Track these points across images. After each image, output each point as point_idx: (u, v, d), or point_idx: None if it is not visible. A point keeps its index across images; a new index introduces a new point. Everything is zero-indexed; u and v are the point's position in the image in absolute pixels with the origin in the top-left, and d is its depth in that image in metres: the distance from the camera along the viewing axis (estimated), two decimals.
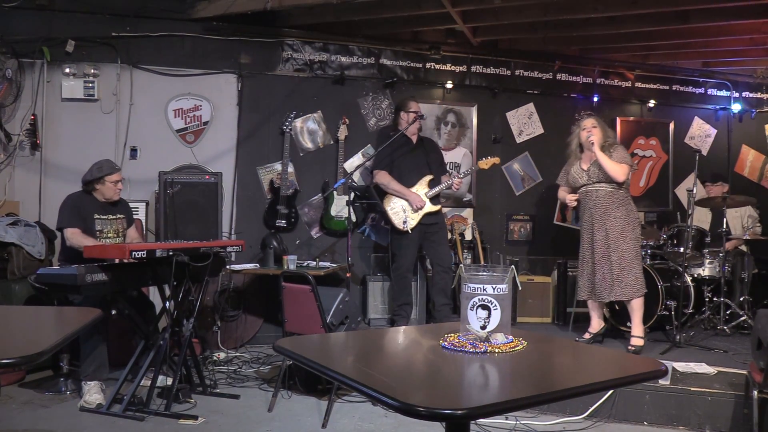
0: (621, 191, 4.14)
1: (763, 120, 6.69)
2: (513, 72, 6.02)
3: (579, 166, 4.28)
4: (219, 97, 5.35)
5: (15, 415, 3.47)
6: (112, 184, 4.01)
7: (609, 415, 3.51)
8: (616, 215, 4.09)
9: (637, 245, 4.15)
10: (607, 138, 4.21)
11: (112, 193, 4.03)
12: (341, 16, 5.20)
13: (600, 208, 4.13)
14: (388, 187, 4.81)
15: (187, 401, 3.64)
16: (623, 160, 4.12)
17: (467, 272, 1.59)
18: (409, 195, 4.76)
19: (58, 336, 1.51)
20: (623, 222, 4.09)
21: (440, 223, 4.89)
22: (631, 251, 4.08)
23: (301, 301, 3.59)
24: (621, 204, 4.12)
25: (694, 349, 4.24)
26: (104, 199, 4.03)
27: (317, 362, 1.39)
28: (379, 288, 5.32)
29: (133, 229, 4.28)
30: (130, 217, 4.27)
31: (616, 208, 4.10)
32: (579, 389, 1.28)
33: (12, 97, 4.87)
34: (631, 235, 4.10)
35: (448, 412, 1.08)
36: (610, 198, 4.12)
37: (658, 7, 4.85)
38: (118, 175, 4.06)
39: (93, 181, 3.98)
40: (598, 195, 4.14)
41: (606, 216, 4.11)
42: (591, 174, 4.18)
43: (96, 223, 3.98)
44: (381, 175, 4.84)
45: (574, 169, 4.30)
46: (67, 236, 3.86)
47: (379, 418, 3.51)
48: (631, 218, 4.13)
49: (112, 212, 4.09)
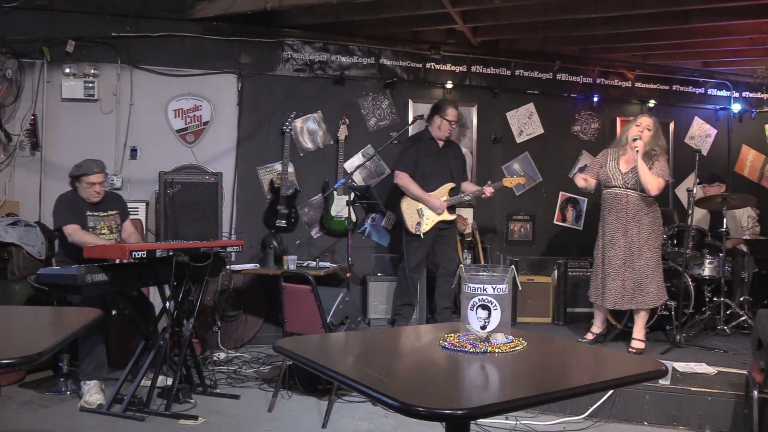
0: (651, 198, 4.03)
1: (763, 120, 6.69)
2: (513, 72, 6.02)
3: (617, 165, 4.12)
4: (219, 97, 5.35)
5: (15, 415, 3.47)
6: (87, 185, 3.92)
7: (609, 415, 3.51)
8: (644, 222, 4.01)
9: (659, 253, 4.09)
10: (655, 146, 4.05)
11: (88, 194, 3.94)
12: (341, 16, 5.20)
13: (629, 213, 4.02)
14: (407, 190, 4.76)
15: (187, 401, 3.64)
16: (662, 175, 3.98)
17: (467, 272, 1.59)
18: (429, 201, 4.71)
19: (58, 336, 1.51)
20: (649, 229, 4.02)
21: (452, 228, 4.87)
22: (655, 259, 4.02)
23: (301, 301, 3.59)
24: (649, 211, 4.03)
25: (694, 349, 4.24)
26: (84, 199, 3.97)
27: (317, 362, 1.39)
28: (380, 288, 5.31)
29: (129, 224, 4.24)
30: (124, 211, 4.22)
31: (645, 215, 4.01)
32: (579, 389, 1.28)
33: (12, 97, 4.87)
34: (655, 243, 4.04)
35: (447, 412, 1.08)
36: (639, 204, 4.01)
37: (658, 7, 4.85)
38: (97, 177, 3.93)
39: (73, 178, 3.95)
40: (629, 200, 4.02)
41: (633, 222, 4.01)
42: (627, 179, 4.03)
43: (89, 220, 3.96)
44: (401, 176, 4.78)
45: (611, 166, 4.13)
46: (68, 233, 3.83)
47: (379, 418, 3.51)
48: (656, 226, 4.06)
49: (104, 209, 4.06)
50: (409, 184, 4.76)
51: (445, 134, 4.84)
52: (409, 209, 4.76)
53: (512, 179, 4.98)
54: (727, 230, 4.75)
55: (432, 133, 4.84)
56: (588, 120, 6.24)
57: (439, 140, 4.87)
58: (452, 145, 5.05)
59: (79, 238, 3.79)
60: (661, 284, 4.06)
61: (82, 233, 3.83)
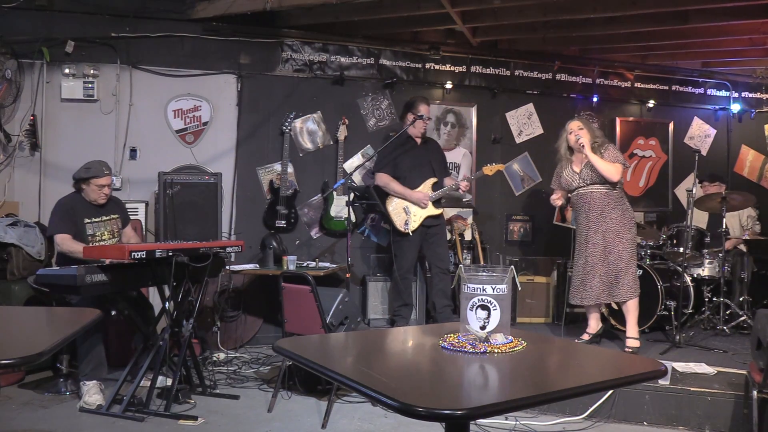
0: (615, 191, 4.10)
1: (762, 120, 6.69)
2: (512, 72, 6.02)
3: (571, 168, 4.23)
4: (218, 97, 5.35)
5: (14, 415, 3.47)
6: (96, 187, 3.92)
7: (609, 416, 3.51)
8: (612, 216, 4.06)
9: (633, 245, 4.12)
10: (595, 138, 4.15)
11: (96, 196, 3.95)
12: (341, 16, 5.20)
13: (595, 210, 4.08)
14: (389, 188, 4.77)
15: (187, 402, 3.64)
16: (616, 159, 4.07)
17: (467, 272, 1.59)
18: (411, 195, 4.71)
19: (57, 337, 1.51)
20: (619, 223, 4.06)
21: (440, 225, 4.86)
22: (628, 252, 4.06)
23: (301, 302, 3.59)
24: (616, 205, 4.08)
25: (693, 350, 4.24)
26: (90, 201, 3.98)
27: (317, 363, 1.39)
28: (379, 288, 5.32)
29: (129, 229, 4.24)
30: (125, 216, 4.22)
31: (612, 210, 4.07)
32: (579, 389, 1.28)
33: (11, 97, 4.87)
34: (627, 235, 4.07)
35: (447, 413, 1.08)
36: (605, 199, 4.07)
37: (658, 7, 4.85)
38: (106, 180, 3.94)
39: (80, 180, 3.94)
40: (593, 197, 4.10)
41: (602, 218, 4.07)
42: (583, 176, 4.12)
43: (87, 227, 3.93)
44: (380, 177, 4.81)
45: (566, 172, 4.24)
46: (57, 242, 3.82)
47: (379, 418, 3.51)
48: (626, 218, 4.10)
49: (105, 213, 4.05)
50: (389, 182, 4.77)
51: (420, 130, 4.84)
52: (395, 209, 4.76)
53: (492, 167, 4.86)
54: (726, 230, 4.75)
55: (408, 131, 4.82)
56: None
57: (416, 138, 4.86)
58: (430, 142, 5.06)
59: (68, 248, 3.77)
60: (635, 276, 4.09)
61: (72, 243, 3.79)
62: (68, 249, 3.77)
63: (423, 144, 4.92)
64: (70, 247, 3.77)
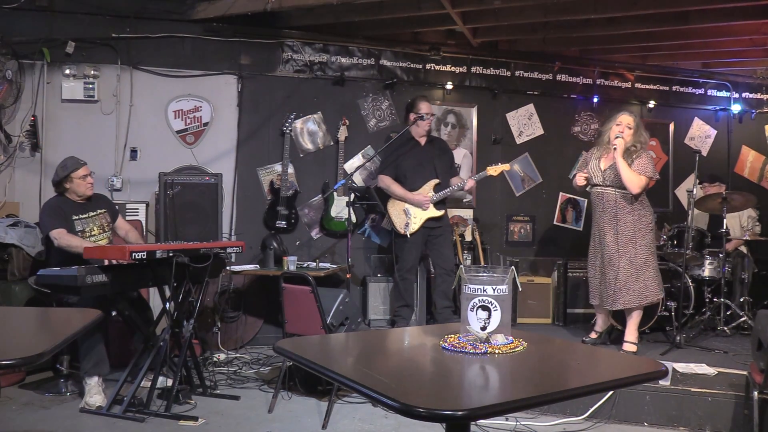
0: (634, 196, 3.96)
1: (763, 121, 6.69)
2: (513, 73, 6.02)
3: (598, 163, 4.08)
4: (219, 98, 5.36)
5: (15, 416, 3.47)
6: (80, 180, 3.94)
7: (609, 416, 3.51)
8: (627, 220, 3.96)
9: (649, 251, 3.99)
10: (636, 142, 3.97)
11: (84, 188, 3.96)
12: (341, 17, 5.21)
13: (609, 212, 4.00)
14: (390, 191, 4.75)
15: (188, 402, 3.64)
16: (644, 171, 3.91)
17: (467, 273, 1.59)
18: (411, 198, 4.67)
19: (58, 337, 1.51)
20: (633, 227, 3.95)
21: (444, 226, 4.79)
22: (641, 257, 3.94)
23: (301, 302, 3.59)
24: (632, 209, 3.96)
25: (694, 350, 4.24)
26: (78, 197, 3.97)
27: (317, 363, 1.39)
28: (380, 289, 5.32)
29: (122, 221, 4.25)
30: (112, 209, 4.22)
31: (628, 213, 3.96)
32: (579, 390, 1.28)
33: (12, 98, 4.87)
34: (642, 240, 3.96)
35: (448, 413, 1.08)
36: (621, 202, 3.97)
37: (658, 7, 4.85)
38: (85, 170, 3.97)
39: (61, 181, 3.93)
40: (609, 198, 4.00)
41: (616, 220, 3.97)
42: (606, 176, 4.01)
43: (76, 224, 3.93)
44: (382, 179, 4.79)
45: (592, 165, 4.10)
46: (54, 237, 3.80)
47: (380, 419, 3.51)
48: (642, 223, 3.98)
49: (92, 209, 4.05)
50: (390, 184, 4.75)
51: (425, 129, 4.78)
52: (396, 211, 4.75)
53: (497, 167, 4.72)
54: (726, 231, 4.75)
55: (412, 132, 4.78)
56: (588, 121, 6.25)
57: (420, 138, 4.82)
58: (436, 141, 4.99)
59: (65, 242, 3.77)
60: (648, 282, 3.96)
61: (68, 236, 3.80)
62: (66, 243, 3.77)
63: (428, 144, 4.85)
64: (69, 241, 3.77)
